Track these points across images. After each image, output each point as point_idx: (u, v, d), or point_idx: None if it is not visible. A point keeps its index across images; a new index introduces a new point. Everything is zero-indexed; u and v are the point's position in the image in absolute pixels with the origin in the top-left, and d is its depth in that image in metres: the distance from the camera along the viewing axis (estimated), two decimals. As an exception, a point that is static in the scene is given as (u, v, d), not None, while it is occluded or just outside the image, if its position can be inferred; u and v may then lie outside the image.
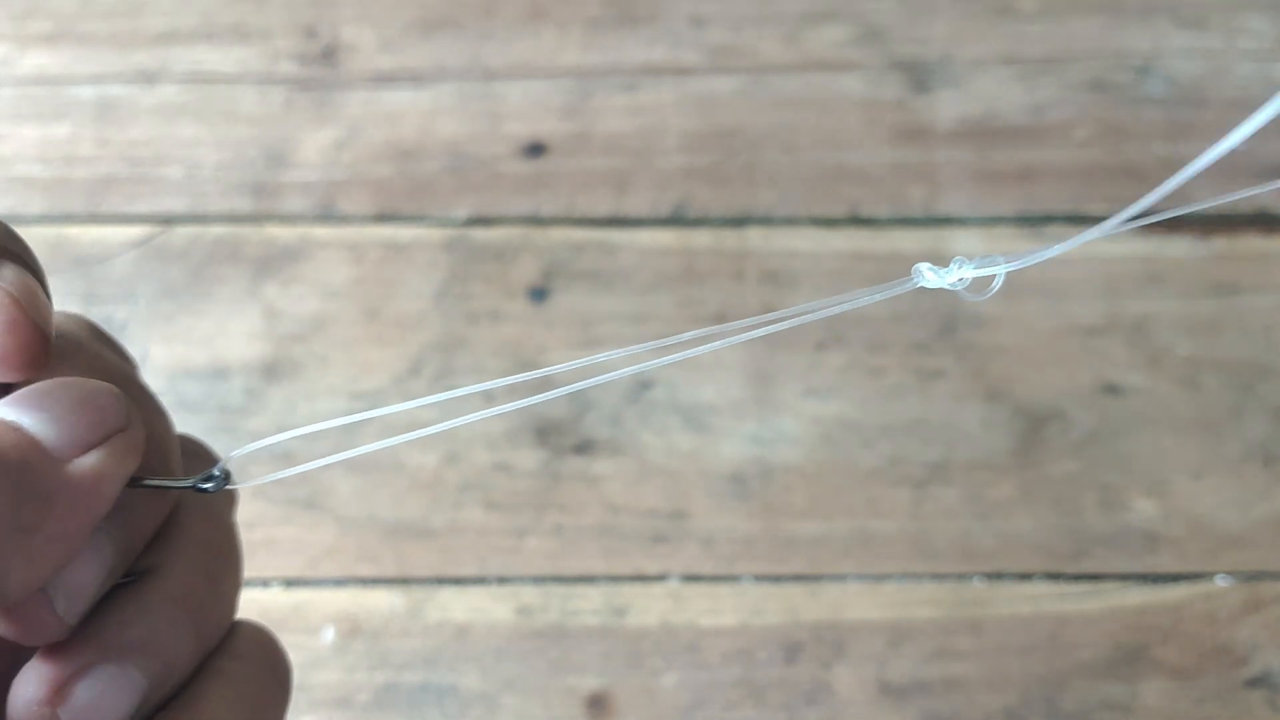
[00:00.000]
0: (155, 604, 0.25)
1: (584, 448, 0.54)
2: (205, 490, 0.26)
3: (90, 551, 0.24)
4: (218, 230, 0.59)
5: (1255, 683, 0.49)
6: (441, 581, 0.52)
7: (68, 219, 0.60)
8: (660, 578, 0.51)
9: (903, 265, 0.58)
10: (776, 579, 0.51)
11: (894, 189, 0.60)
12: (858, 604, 0.51)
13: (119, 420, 0.24)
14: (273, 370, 0.56)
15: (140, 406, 0.25)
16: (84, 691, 0.24)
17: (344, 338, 0.57)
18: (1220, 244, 0.58)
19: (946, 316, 0.57)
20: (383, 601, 0.51)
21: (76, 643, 0.24)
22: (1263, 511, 0.52)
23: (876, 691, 0.49)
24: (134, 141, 0.62)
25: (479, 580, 0.52)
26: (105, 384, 0.24)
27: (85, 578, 0.24)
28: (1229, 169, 0.60)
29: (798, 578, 0.51)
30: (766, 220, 0.59)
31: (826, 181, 0.60)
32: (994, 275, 0.25)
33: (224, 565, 0.27)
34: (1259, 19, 0.64)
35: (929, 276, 0.25)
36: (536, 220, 0.59)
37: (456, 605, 0.51)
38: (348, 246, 0.59)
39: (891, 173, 0.61)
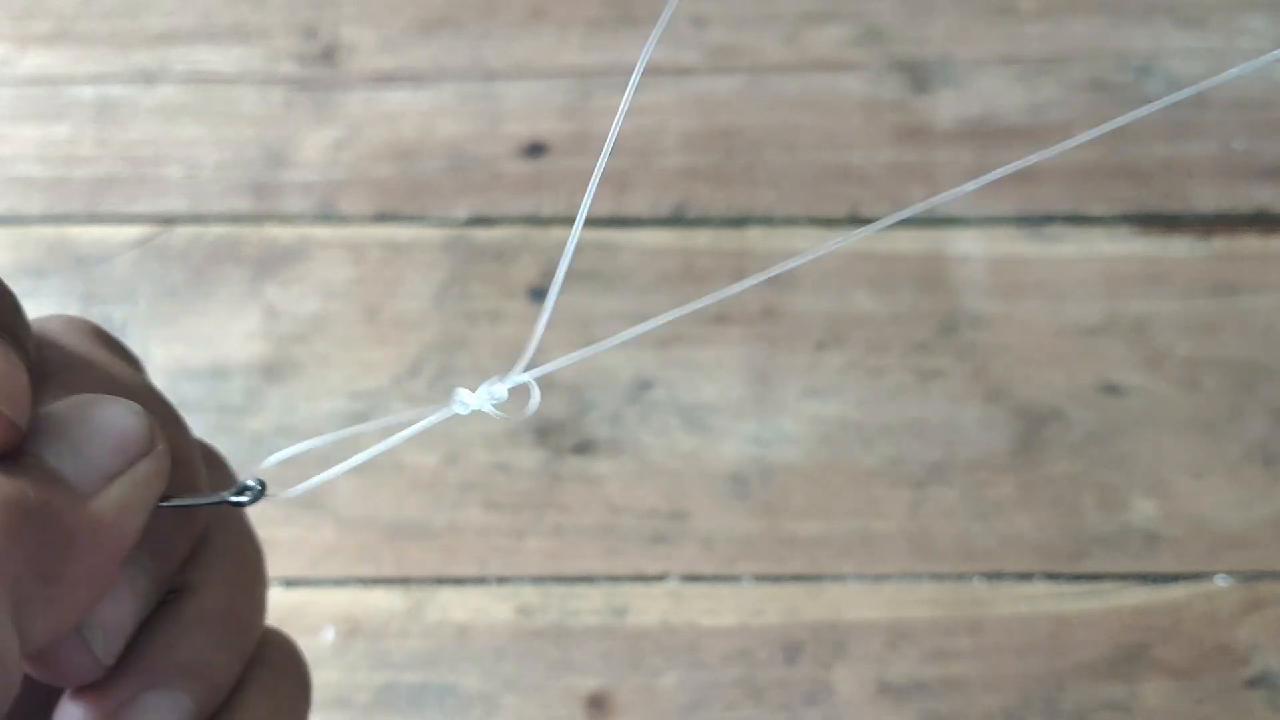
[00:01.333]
0: (197, 624, 0.24)
1: (584, 448, 0.54)
2: (240, 504, 0.25)
3: (123, 586, 0.22)
4: (218, 230, 0.59)
5: (1255, 683, 0.49)
6: (441, 581, 0.52)
7: (68, 219, 0.60)
8: (660, 578, 0.51)
9: (903, 265, 0.58)
10: (776, 579, 0.51)
11: (894, 189, 0.60)
12: (858, 604, 0.51)
13: (143, 443, 0.22)
14: (273, 370, 0.56)
15: (158, 419, 0.23)
16: None
17: (344, 338, 0.57)
18: (1220, 244, 0.58)
19: (946, 316, 0.57)
20: (383, 601, 0.51)
21: (120, 673, 0.23)
22: (1263, 511, 0.52)
23: (876, 691, 0.49)
24: (134, 141, 0.62)
25: (479, 580, 0.52)
26: (126, 403, 0.22)
27: (121, 614, 0.22)
28: (1229, 169, 0.61)
29: (798, 578, 0.51)
30: (766, 220, 0.59)
31: (826, 181, 0.60)
32: (529, 391, 0.25)
33: (256, 575, 0.26)
34: (1259, 19, 0.65)
35: (466, 400, 0.25)
36: (536, 220, 0.59)
37: (456, 605, 0.51)
38: (348, 246, 0.59)
39: (891, 173, 0.61)
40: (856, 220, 0.59)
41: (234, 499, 0.25)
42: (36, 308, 0.53)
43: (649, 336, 0.56)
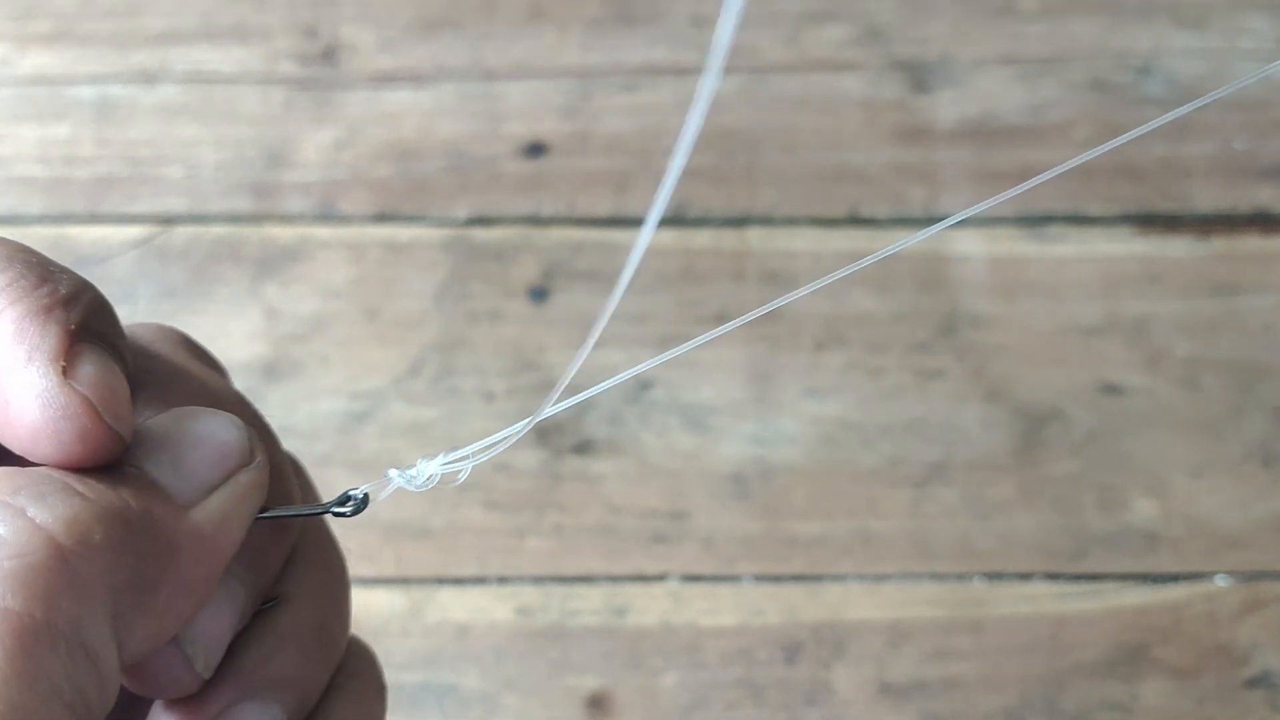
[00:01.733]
0: (290, 636, 0.24)
1: (584, 448, 0.54)
2: (342, 515, 0.25)
3: (222, 599, 0.23)
4: (218, 230, 0.59)
5: (1255, 683, 0.49)
6: (441, 581, 0.52)
7: (68, 219, 0.60)
8: (660, 578, 0.51)
9: (902, 266, 0.58)
10: (776, 579, 0.51)
11: (894, 189, 0.60)
12: (858, 604, 0.51)
13: (242, 455, 0.22)
14: (273, 370, 0.56)
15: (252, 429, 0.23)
16: None
17: (344, 338, 0.57)
18: (1220, 244, 0.58)
19: (946, 316, 0.57)
20: (383, 601, 0.51)
21: (214, 685, 0.23)
22: (1263, 511, 0.52)
23: (876, 691, 0.49)
24: (134, 141, 0.62)
25: (479, 580, 0.52)
26: (226, 415, 0.22)
27: (219, 628, 0.23)
28: (1229, 169, 0.61)
29: (798, 578, 0.51)
30: (766, 220, 0.59)
31: (826, 181, 0.60)
32: (459, 470, 0.25)
33: (345, 586, 0.26)
34: (1259, 19, 0.64)
35: (398, 481, 0.26)
36: (536, 220, 0.59)
37: (456, 605, 0.51)
38: (348, 246, 0.59)
39: (891, 173, 0.61)
40: (856, 220, 0.59)
41: (336, 510, 0.25)
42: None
43: (649, 337, 0.56)
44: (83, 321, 0.21)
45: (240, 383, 0.60)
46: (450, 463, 0.25)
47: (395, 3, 0.66)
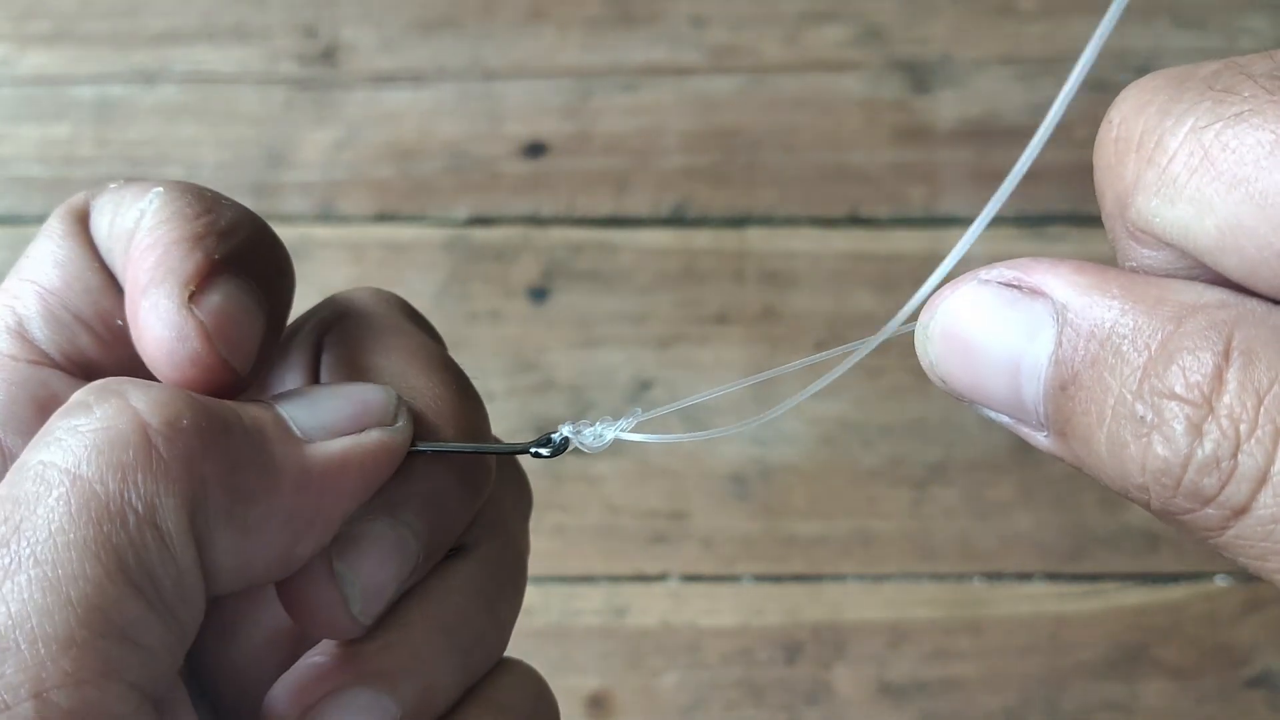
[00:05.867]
0: (422, 629, 0.23)
1: (584, 448, 0.54)
2: (539, 455, 0.24)
3: (388, 547, 0.22)
4: (218, 230, 0.59)
5: (1255, 683, 0.49)
6: (441, 581, 0.52)
7: (68, 219, 0.60)
8: (660, 578, 0.51)
9: (903, 265, 0.58)
10: (776, 579, 0.51)
11: (894, 189, 0.60)
12: (858, 604, 0.51)
13: (382, 414, 0.22)
14: (273, 370, 0.56)
15: (450, 392, 0.23)
16: (333, 716, 0.22)
17: (344, 338, 0.57)
18: (1220, 244, 0.58)
19: (946, 316, 0.57)
20: (383, 601, 0.51)
21: (334, 661, 0.22)
22: (1263, 511, 0.52)
23: (876, 691, 0.49)
24: (134, 141, 0.62)
25: (479, 580, 0.52)
26: (380, 386, 0.22)
27: (382, 575, 0.22)
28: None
29: (798, 578, 0.51)
30: (766, 220, 0.59)
31: (826, 181, 0.60)
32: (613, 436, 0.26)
33: (505, 592, 0.26)
34: (1259, 19, 0.64)
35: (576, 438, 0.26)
36: (536, 220, 0.59)
37: (456, 605, 0.51)
38: (348, 246, 0.59)
39: (891, 173, 0.61)
40: (856, 220, 0.59)
41: (536, 449, 0.24)
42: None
43: (649, 337, 0.56)
44: (230, 253, 0.21)
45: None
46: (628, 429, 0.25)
47: (395, 3, 0.66)
